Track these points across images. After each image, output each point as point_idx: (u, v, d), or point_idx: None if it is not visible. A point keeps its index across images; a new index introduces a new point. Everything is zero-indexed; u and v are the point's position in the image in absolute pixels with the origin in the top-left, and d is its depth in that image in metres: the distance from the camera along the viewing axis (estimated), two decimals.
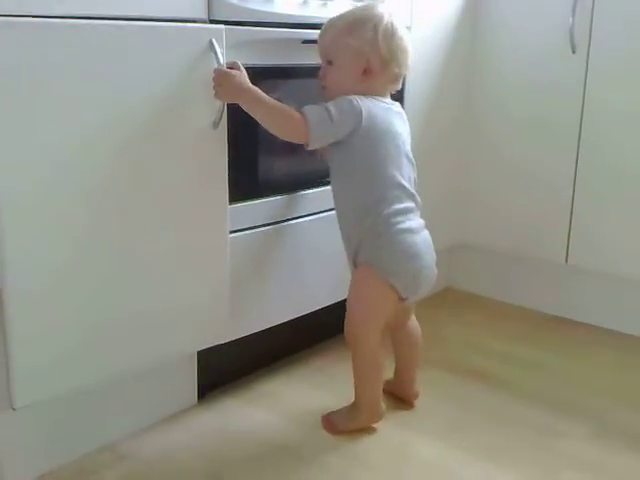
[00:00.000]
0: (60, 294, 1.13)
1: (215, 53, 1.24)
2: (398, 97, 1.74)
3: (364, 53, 1.34)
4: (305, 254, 1.44)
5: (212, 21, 1.27)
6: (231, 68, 1.27)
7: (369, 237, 1.34)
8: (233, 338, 1.44)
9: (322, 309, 1.64)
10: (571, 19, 1.80)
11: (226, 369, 1.58)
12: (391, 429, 1.44)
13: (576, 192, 1.90)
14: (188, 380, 1.49)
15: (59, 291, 1.13)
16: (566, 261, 1.94)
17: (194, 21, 1.25)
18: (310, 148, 1.32)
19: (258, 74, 1.35)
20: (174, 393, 1.47)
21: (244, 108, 1.29)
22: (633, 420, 1.50)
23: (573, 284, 2.00)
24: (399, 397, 1.54)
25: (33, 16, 1.03)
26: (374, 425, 1.43)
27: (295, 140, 1.31)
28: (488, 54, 2.01)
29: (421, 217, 1.39)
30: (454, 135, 2.05)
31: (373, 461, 1.34)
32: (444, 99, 1.96)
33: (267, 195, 1.44)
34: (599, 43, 1.80)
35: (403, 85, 1.75)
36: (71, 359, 1.17)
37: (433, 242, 1.39)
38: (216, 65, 1.25)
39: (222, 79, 1.26)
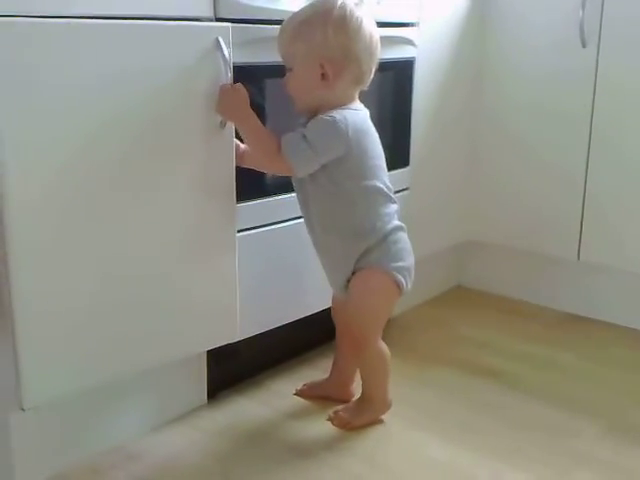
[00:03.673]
0: (68, 294, 1.13)
1: (221, 51, 1.23)
2: (407, 93, 1.75)
3: (317, 57, 1.24)
4: (314, 252, 1.44)
5: (218, 19, 1.27)
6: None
7: (373, 244, 1.33)
8: (242, 337, 1.43)
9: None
10: (581, 13, 1.79)
11: (236, 369, 1.57)
12: (402, 429, 1.43)
13: (587, 188, 1.88)
14: (198, 380, 1.49)
15: (67, 291, 1.13)
16: (578, 258, 1.93)
17: (200, 19, 1.24)
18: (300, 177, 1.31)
19: (265, 72, 1.35)
20: (184, 393, 1.47)
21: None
22: None
23: (586, 281, 1.99)
24: (332, 398, 1.50)
25: (35, 16, 1.02)
26: (382, 417, 1.44)
27: (281, 174, 1.30)
28: (497, 49, 1.99)
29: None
30: (464, 131, 2.03)
31: (384, 462, 1.33)
32: (453, 95, 1.94)
33: (275, 194, 1.44)
34: (609, 37, 1.78)
35: (412, 81, 1.76)
36: (80, 360, 1.17)
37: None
38: (222, 64, 1.24)
39: (223, 95, 1.24)
